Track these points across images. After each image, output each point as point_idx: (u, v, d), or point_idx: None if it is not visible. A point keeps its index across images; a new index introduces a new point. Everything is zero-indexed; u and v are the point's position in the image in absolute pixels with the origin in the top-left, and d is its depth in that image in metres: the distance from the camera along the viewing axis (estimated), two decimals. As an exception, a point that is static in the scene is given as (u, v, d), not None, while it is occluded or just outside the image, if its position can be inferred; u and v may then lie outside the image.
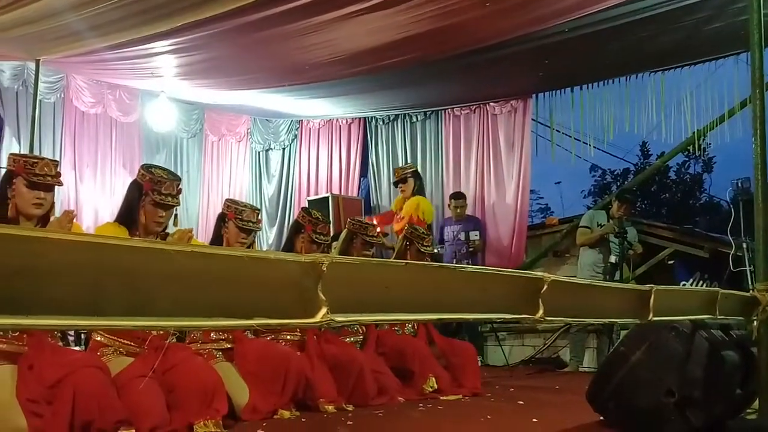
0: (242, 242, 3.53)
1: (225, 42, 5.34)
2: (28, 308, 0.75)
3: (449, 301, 1.27)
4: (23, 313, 0.74)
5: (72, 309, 0.79)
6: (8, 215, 2.72)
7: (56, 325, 0.82)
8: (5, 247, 0.73)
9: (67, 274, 0.78)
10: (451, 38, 5.26)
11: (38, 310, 0.76)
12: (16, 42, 5.42)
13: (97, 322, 0.83)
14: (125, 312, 0.84)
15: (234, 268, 0.96)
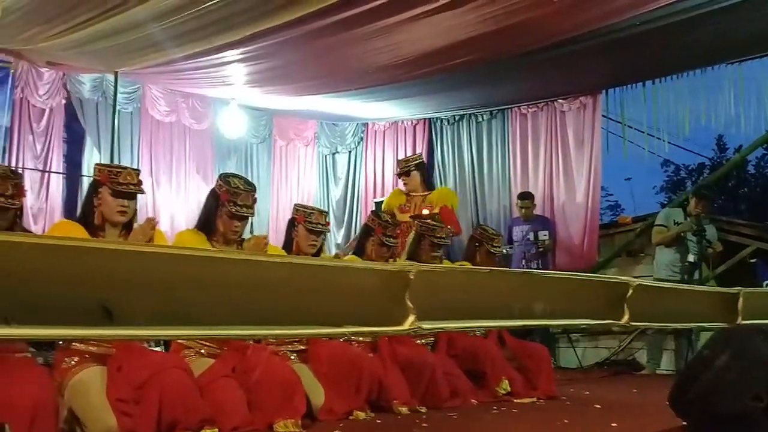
0: (312, 244, 3.58)
1: (293, 49, 5.44)
2: (127, 319, 0.79)
3: (534, 307, 1.26)
4: (118, 324, 0.78)
5: (164, 319, 0.82)
6: (95, 222, 2.85)
7: (153, 335, 0.86)
8: (112, 259, 0.77)
9: (159, 285, 0.82)
10: (518, 36, 5.20)
11: (130, 321, 0.79)
12: (95, 55, 5.69)
13: (191, 332, 0.86)
14: (218, 321, 0.87)
15: (324, 277, 0.98)
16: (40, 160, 6.45)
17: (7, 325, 0.67)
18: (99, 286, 0.74)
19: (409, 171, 5.81)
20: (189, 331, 0.82)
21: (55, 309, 0.72)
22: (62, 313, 0.72)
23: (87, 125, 6.79)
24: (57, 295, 0.72)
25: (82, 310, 0.73)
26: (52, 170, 6.47)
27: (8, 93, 6.27)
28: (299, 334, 0.92)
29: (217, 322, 0.86)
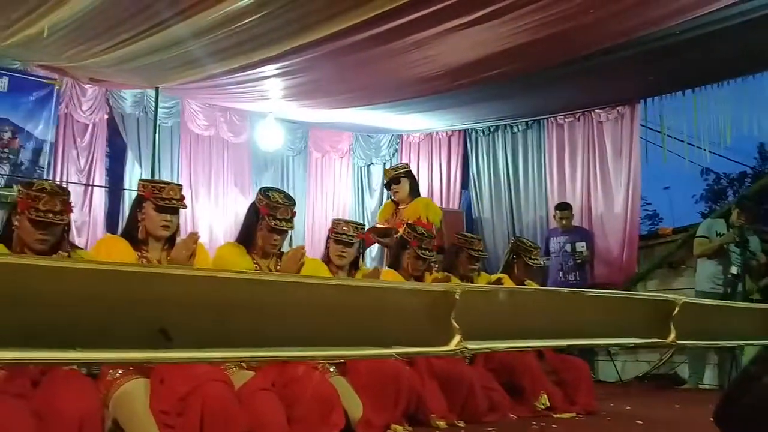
0: (340, 255, 3.59)
1: (329, 63, 5.50)
2: (185, 342, 0.81)
3: (579, 326, 1.25)
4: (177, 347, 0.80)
5: (219, 341, 0.84)
6: (139, 237, 2.92)
7: (210, 358, 0.88)
8: (170, 283, 0.79)
9: (215, 308, 0.84)
10: (554, 47, 5.17)
11: (188, 344, 0.81)
12: (137, 71, 5.83)
13: (245, 354, 0.88)
14: (269, 343, 0.89)
15: (372, 298, 0.99)
16: (84, 174, 6.62)
17: (74, 349, 0.69)
18: (158, 310, 0.76)
19: (399, 178, 5.26)
20: (243, 354, 0.84)
21: (116, 333, 0.74)
22: (123, 337, 0.74)
23: (128, 140, 6.95)
24: (118, 320, 0.74)
25: (142, 333, 0.75)
26: (95, 184, 6.63)
27: (53, 109, 6.45)
28: (348, 356, 0.94)
29: (269, 344, 0.87)
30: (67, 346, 0.69)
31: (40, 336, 0.68)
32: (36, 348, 0.68)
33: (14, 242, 2.56)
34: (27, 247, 2.56)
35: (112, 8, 4.37)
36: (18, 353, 0.66)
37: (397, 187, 5.26)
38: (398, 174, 5.30)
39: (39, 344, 0.68)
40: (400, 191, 5.23)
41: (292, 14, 4.48)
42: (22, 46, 5.36)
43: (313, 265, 3.39)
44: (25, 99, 6.35)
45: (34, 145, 6.36)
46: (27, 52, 5.62)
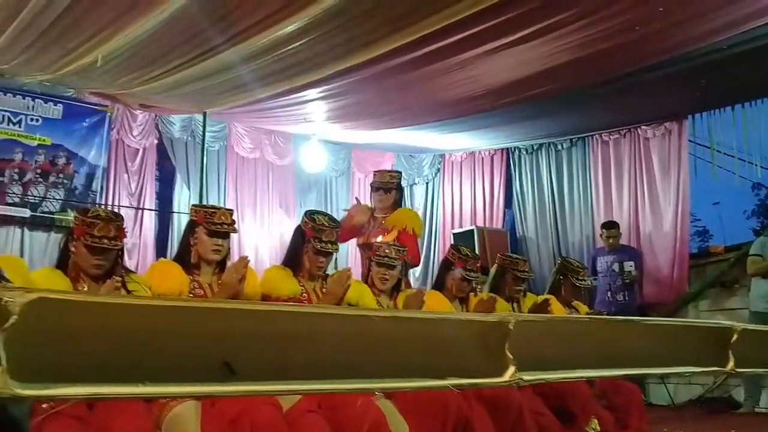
0: (383, 278, 3.58)
1: (371, 85, 5.56)
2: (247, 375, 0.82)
3: (635, 355, 1.23)
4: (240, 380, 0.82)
5: (280, 374, 0.86)
6: (191, 261, 2.98)
7: (271, 391, 0.89)
8: (232, 317, 0.81)
9: (275, 341, 0.85)
10: (599, 65, 5.13)
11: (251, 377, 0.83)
12: (186, 97, 6.00)
13: (304, 386, 0.89)
14: (326, 375, 0.90)
15: (425, 329, 1.00)
16: (134, 197, 6.80)
17: (142, 384, 0.72)
18: (222, 344, 0.78)
19: (391, 188, 4.83)
20: (301, 386, 0.85)
21: (182, 367, 0.76)
22: (189, 371, 0.76)
23: (177, 163, 7.12)
24: (184, 354, 0.77)
25: (207, 367, 0.77)
26: (145, 207, 6.80)
27: (105, 135, 6.67)
28: (404, 387, 0.94)
29: (326, 375, 0.88)
30: (136, 381, 0.71)
31: (110, 371, 0.71)
32: (107, 383, 0.70)
33: (70, 267, 2.64)
34: (83, 272, 2.63)
35: (164, 37, 4.51)
36: (90, 388, 0.69)
37: (386, 196, 4.81)
38: (393, 182, 4.90)
39: (109, 379, 0.70)
40: (387, 200, 4.80)
41: (336, 39, 4.56)
42: (76, 75, 5.57)
43: (359, 288, 3.40)
44: (79, 125, 6.58)
45: (88, 170, 6.57)
46: (81, 80, 5.84)
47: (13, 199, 6.27)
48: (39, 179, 6.40)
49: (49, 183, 6.44)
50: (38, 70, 5.59)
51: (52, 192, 6.43)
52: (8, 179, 6.28)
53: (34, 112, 6.38)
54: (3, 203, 6.18)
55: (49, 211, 6.42)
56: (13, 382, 0.65)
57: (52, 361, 0.68)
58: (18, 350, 0.65)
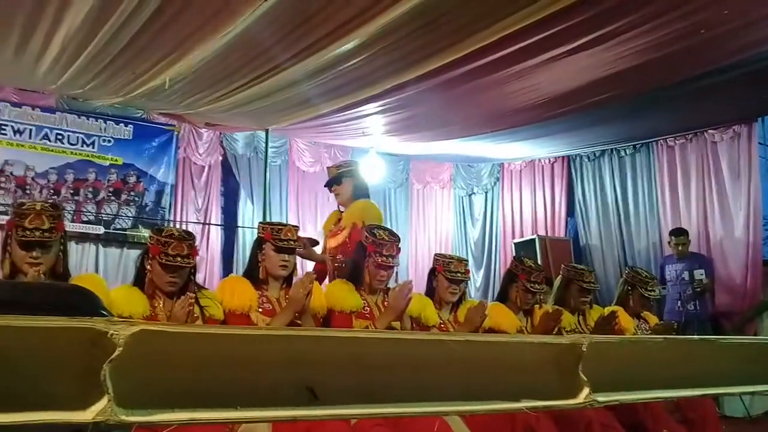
0: (452, 292, 3.58)
1: (430, 98, 5.59)
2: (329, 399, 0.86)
3: (712, 374, 1.21)
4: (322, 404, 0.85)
5: (360, 398, 0.88)
6: (260, 277, 3.06)
7: (352, 414, 0.93)
8: (316, 343, 0.84)
9: (355, 366, 0.88)
10: (662, 70, 5.00)
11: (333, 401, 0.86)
12: (249, 115, 6.17)
13: (383, 410, 0.92)
14: (404, 398, 0.92)
15: (499, 352, 1.01)
16: (201, 213, 7.02)
17: (235, 409, 0.76)
18: (305, 369, 0.82)
19: (340, 178, 4.28)
20: (381, 410, 0.88)
21: (270, 392, 0.80)
22: (276, 396, 0.80)
23: (241, 179, 7.32)
24: (272, 380, 0.81)
25: (292, 392, 0.81)
26: (212, 222, 7.01)
27: (173, 153, 6.92)
28: (479, 410, 0.96)
29: (405, 399, 0.91)
30: (229, 406, 0.75)
31: (206, 397, 0.75)
32: (203, 408, 0.75)
33: (147, 285, 2.75)
34: (158, 289, 2.74)
35: (227, 58, 4.66)
36: (188, 414, 0.73)
37: (337, 188, 4.31)
38: (340, 173, 4.33)
39: (205, 405, 0.75)
40: (341, 193, 4.29)
41: (394, 54, 4.61)
42: (145, 97, 5.81)
43: (422, 302, 3.41)
44: (148, 145, 6.85)
45: (157, 188, 6.83)
46: (149, 101, 6.09)
47: (88, 217, 6.57)
48: (111, 197, 6.69)
49: (121, 201, 6.72)
50: (110, 94, 5.85)
51: (123, 209, 6.71)
52: (83, 198, 6.58)
53: (106, 134, 6.69)
54: (79, 221, 6.48)
55: (121, 228, 6.69)
56: (119, 409, 0.70)
57: (152, 388, 0.73)
58: (122, 379, 0.70)
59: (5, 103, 6.31)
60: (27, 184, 6.39)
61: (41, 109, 6.43)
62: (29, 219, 2.47)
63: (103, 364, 0.69)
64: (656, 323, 4.29)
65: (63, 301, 0.86)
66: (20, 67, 5.17)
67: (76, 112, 6.54)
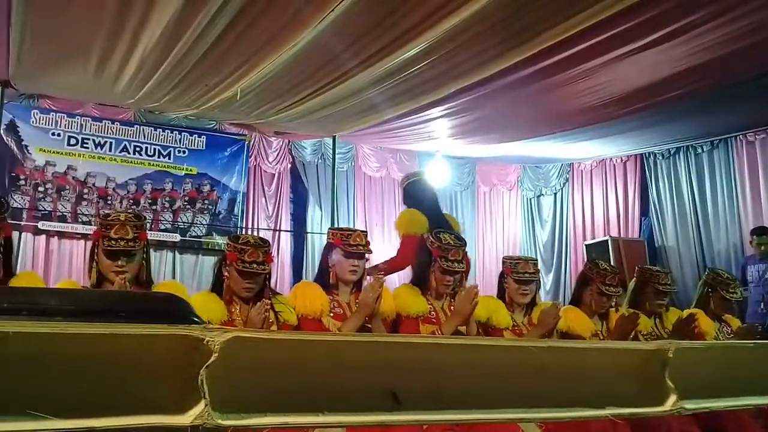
0: (523, 294, 3.52)
1: (495, 100, 5.54)
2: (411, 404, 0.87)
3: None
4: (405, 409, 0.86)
5: (438, 404, 0.89)
6: (330, 282, 3.11)
7: (432, 421, 0.94)
8: (399, 350, 0.86)
9: (436, 372, 0.89)
10: (737, 64, 4.80)
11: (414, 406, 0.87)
12: (317, 123, 6.27)
13: (462, 416, 0.92)
14: (483, 405, 0.93)
15: (583, 358, 1.00)
16: (272, 220, 7.19)
17: (322, 414, 0.78)
18: (388, 375, 0.83)
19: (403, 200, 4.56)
20: (460, 416, 0.88)
21: (355, 397, 0.82)
22: (360, 401, 0.82)
23: (309, 185, 7.45)
24: (355, 385, 0.82)
25: (375, 397, 0.83)
26: (282, 229, 7.16)
27: (244, 162, 7.12)
28: (562, 417, 0.95)
29: (485, 405, 0.91)
30: (317, 411, 0.78)
31: (295, 401, 0.78)
32: (292, 413, 0.77)
33: (225, 291, 2.84)
34: (235, 295, 2.82)
35: (295, 68, 4.76)
36: (279, 418, 0.76)
37: None
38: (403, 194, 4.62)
39: (295, 409, 0.77)
40: None
41: (458, 58, 4.59)
42: (217, 108, 5.99)
43: (492, 305, 3.37)
44: (221, 155, 7.07)
45: (230, 196, 7.04)
46: (221, 113, 6.27)
47: (165, 225, 6.83)
48: (187, 206, 6.93)
49: (195, 209, 6.95)
50: (184, 106, 6.06)
51: (198, 217, 6.94)
52: (160, 207, 6.85)
53: (181, 145, 6.94)
54: (156, 229, 6.74)
55: (196, 235, 6.93)
56: (214, 413, 0.73)
57: (245, 393, 0.76)
58: (217, 384, 0.74)
59: (87, 118, 6.64)
60: (108, 195, 6.69)
61: (120, 123, 6.73)
62: (114, 229, 2.59)
63: (199, 369, 0.72)
64: (739, 326, 4.12)
65: (157, 308, 0.90)
66: (100, 85, 5.42)
67: (153, 124, 6.81)
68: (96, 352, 0.73)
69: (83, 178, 6.62)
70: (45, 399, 0.69)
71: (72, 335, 0.70)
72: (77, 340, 0.72)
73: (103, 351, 0.74)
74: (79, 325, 0.73)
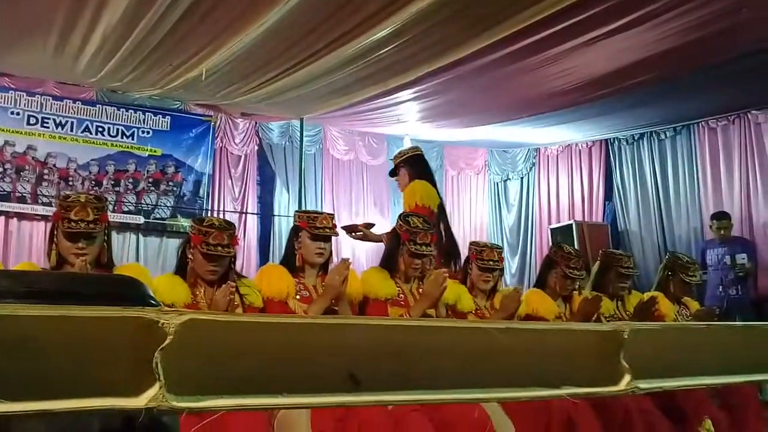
0: (485, 280, 3.56)
1: (463, 84, 5.55)
2: (370, 386, 0.87)
3: (756, 360, 1.19)
4: (364, 390, 0.86)
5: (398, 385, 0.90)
6: (296, 264, 3.10)
7: (392, 401, 0.94)
8: (358, 332, 0.86)
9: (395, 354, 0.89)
10: (703, 50, 4.88)
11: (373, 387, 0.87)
12: (284, 105, 6.22)
13: (421, 396, 0.93)
14: (443, 386, 0.94)
15: (540, 340, 1.01)
16: (238, 202, 7.12)
17: (281, 395, 0.78)
18: (348, 356, 0.83)
19: (396, 169, 4.40)
20: (420, 396, 0.89)
21: (314, 379, 0.82)
22: (319, 383, 0.82)
23: (276, 168, 7.39)
24: (316, 367, 0.82)
25: (334, 378, 0.83)
26: (248, 211, 7.10)
27: (209, 143, 7.02)
28: (519, 397, 0.96)
29: (445, 386, 0.92)
30: (275, 393, 0.77)
31: (252, 384, 0.77)
32: (250, 395, 0.77)
33: (189, 273, 2.81)
34: (199, 278, 2.80)
35: (263, 48, 4.70)
36: (236, 400, 0.75)
37: (397, 179, 4.47)
38: (396, 163, 4.44)
39: (252, 391, 0.77)
40: (400, 182, 4.42)
41: (427, 40, 4.59)
42: (182, 88, 5.89)
43: (456, 289, 3.40)
44: (186, 135, 6.96)
45: (195, 178, 6.94)
46: (186, 93, 6.17)
47: (128, 207, 6.72)
48: (151, 188, 6.82)
49: (160, 191, 6.84)
50: (148, 86, 5.95)
51: (162, 199, 6.84)
52: (123, 189, 6.73)
53: (145, 125, 6.81)
54: (119, 211, 6.62)
55: (160, 218, 6.83)
56: (170, 395, 0.72)
57: (201, 375, 0.75)
58: (172, 367, 0.73)
59: (47, 96, 6.47)
60: (70, 176, 6.55)
61: (82, 102, 6.57)
62: (75, 211, 2.54)
63: (154, 352, 0.71)
64: (697, 309, 4.22)
65: (113, 290, 0.89)
66: (61, 62, 5.29)
67: (116, 104, 6.67)
68: (49, 335, 0.72)
69: (43, 158, 6.47)
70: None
71: (23, 317, 0.69)
72: (29, 322, 0.71)
73: (56, 333, 0.73)
74: (31, 307, 0.72)
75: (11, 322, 0.69)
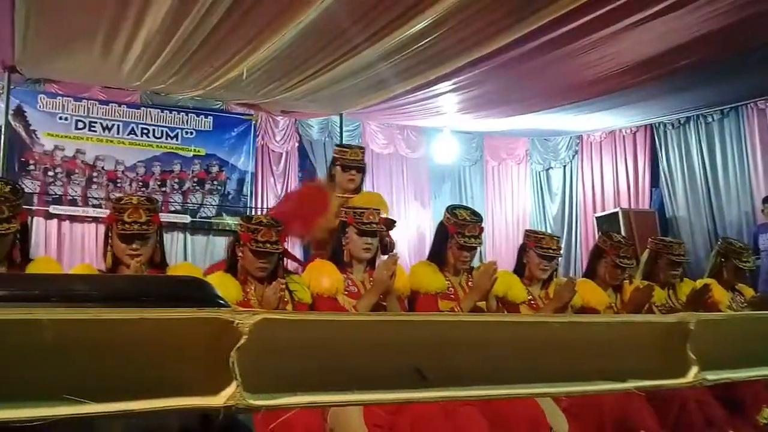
0: (544, 269, 3.53)
1: (503, 73, 5.50)
2: (437, 381, 0.87)
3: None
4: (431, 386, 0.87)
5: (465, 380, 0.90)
6: (344, 260, 3.12)
7: (457, 396, 0.95)
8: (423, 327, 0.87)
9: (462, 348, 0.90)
10: (749, 31, 4.73)
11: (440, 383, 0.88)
12: (323, 101, 6.25)
13: (483, 392, 0.93)
14: (506, 380, 0.93)
15: (605, 333, 1.00)
16: (280, 199, 7.18)
17: (352, 392, 0.79)
18: (414, 352, 0.84)
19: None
20: (480, 392, 0.89)
21: (382, 375, 0.83)
22: (387, 378, 0.83)
23: (317, 164, 7.44)
24: (382, 363, 0.83)
25: (401, 375, 0.84)
26: (291, 208, 7.16)
27: (251, 142, 7.11)
28: (583, 391, 0.96)
29: (508, 381, 0.92)
30: (347, 389, 0.79)
31: (325, 381, 0.79)
32: (322, 392, 0.78)
33: (239, 271, 2.85)
34: (249, 275, 2.84)
35: (301, 46, 4.73)
36: (309, 397, 0.77)
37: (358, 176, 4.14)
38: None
39: (325, 388, 0.79)
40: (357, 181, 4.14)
41: (466, 31, 4.55)
42: (223, 88, 5.97)
43: (508, 280, 3.38)
44: (228, 135, 7.06)
45: (238, 176, 7.04)
46: (227, 93, 6.26)
47: (175, 207, 6.85)
48: (196, 187, 6.94)
49: (205, 190, 6.96)
50: (190, 87, 6.05)
51: (208, 198, 6.96)
52: (169, 189, 6.86)
53: (188, 126, 6.93)
54: (166, 211, 6.76)
55: (206, 216, 6.95)
56: (246, 394, 0.74)
57: (275, 374, 0.77)
58: (248, 366, 0.75)
59: (93, 101, 6.63)
60: (118, 178, 6.71)
61: (127, 106, 6.72)
62: (128, 213, 2.60)
63: (230, 351, 0.73)
64: (752, 295, 4.11)
65: (184, 292, 0.91)
66: (106, 67, 5.41)
67: (159, 106, 6.81)
68: (127, 337, 0.74)
69: (92, 161, 6.64)
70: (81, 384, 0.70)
71: (106, 320, 0.71)
72: (108, 325, 0.73)
73: (134, 336, 0.75)
74: (111, 310, 0.74)
75: (95, 325, 0.71)
